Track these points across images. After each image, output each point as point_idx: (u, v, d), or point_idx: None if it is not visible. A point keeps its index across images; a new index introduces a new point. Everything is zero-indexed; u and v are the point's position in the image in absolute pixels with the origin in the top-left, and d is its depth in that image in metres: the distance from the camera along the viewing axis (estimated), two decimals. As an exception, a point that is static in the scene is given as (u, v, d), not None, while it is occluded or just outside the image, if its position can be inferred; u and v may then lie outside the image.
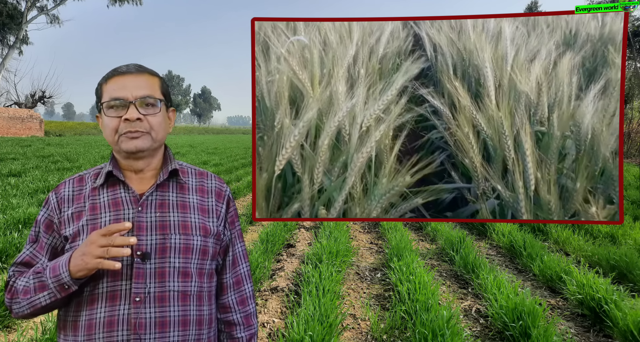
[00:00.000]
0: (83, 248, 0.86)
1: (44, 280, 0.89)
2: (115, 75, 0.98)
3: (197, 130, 65.06)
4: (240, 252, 1.14)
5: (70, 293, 0.89)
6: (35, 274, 0.91)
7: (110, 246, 0.84)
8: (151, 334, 0.92)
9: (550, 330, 2.63)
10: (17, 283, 0.94)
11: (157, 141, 1.01)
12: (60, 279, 0.87)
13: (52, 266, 0.89)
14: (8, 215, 5.04)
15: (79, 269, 0.85)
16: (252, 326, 1.14)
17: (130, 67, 1.00)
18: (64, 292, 0.88)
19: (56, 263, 0.89)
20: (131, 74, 0.99)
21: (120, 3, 30.60)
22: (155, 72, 1.04)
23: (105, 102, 0.97)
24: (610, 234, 5.20)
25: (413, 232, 5.93)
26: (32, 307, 0.90)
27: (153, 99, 0.99)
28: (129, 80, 0.98)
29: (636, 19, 18.88)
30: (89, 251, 0.84)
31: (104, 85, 0.99)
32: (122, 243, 0.85)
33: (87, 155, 14.24)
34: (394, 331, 2.95)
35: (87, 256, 0.84)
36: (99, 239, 0.84)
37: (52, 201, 1.00)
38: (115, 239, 0.84)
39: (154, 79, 1.02)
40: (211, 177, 1.12)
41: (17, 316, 0.95)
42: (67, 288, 0.87)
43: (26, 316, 0.94)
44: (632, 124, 19.63)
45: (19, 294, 0.92)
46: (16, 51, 28.82)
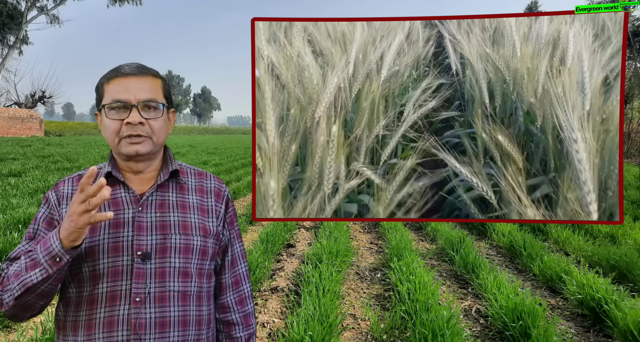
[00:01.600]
0: (68, 211, 0.82)
1: (35, 257, 0.85)
2: (118, 75, 0.97)
3: (197, 130, 65.05)
4: (238, 253, 1.14)
5: (61, 268, 0.84)
6: (26, 254, 0.88)
7: (89, 197, 0.78)
8: (151, 334, 0.91)
9: (550, 330, 2.62)
10: (9, 271, 0.89)
11: (157, 145, 1.00)
12: (51, 250, 0.82)
13: (43, 240, 0.86)
14: (8, 215, 5.03)
15: (70, 232, 0.81)
16: (251, 325, 1.14)
17: (133, 68, 0.99)
18: (55, 265, 0.83)
19: (47, 237, 0.86)
20: (134, 76, 0.97)
21: (120, 3, 30.59)
22: (158, 73, 1.03)
23: (107, 104, 0.96)
24: (610, 234, 5.20)
25: (413, 232, 5.93)
26: (24, 286, 0.84)
27: (156, 102, 0.98)
28: (132, 83, 0.96)
29: (636, 19, 18.87)
30: (72, 210, 0.80)
31: (106, 85, 0.97)
32: (96, 189, 0.78)
33: (87, 155, 14.24)
34: (394, 331, 2.95)
35: (73, 215, 0.80)
36: (78, 196, 0.80)
37: (52, 199, 0.99)
38: (89, 189, 0.79)
39: (157, 81, 1.01)
40: (210, 177, 1.12)
41: (8, 308, 0.88)
42: (59, 261, 0.83)
43: (17, 304, 0.87)
44: (632, 124, 19.63)
45: (10, 279, 0.87)
46: (16, 51, 28.81)
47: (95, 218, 0.80)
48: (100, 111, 0.99)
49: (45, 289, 0.86)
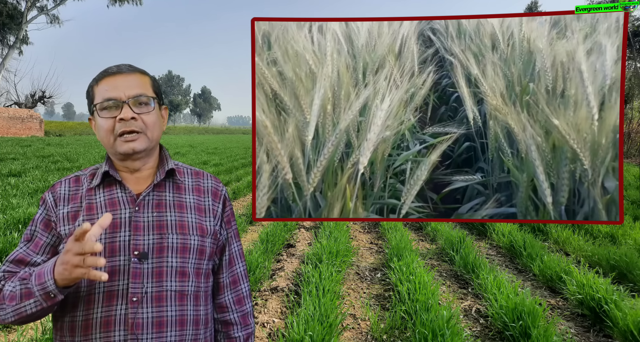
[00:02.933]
0: (62, 256, 0.81)
1: (29, 287, 0.85)
2: (106, 76, 0.98)
3: (197, 130, 65.07)
4: (236, 252, 1.14)
5: (56, 302, 0.85)
6: (21, 280, 0.88)
7: (84, 253, 0.77)
8: (148, 334, 0.91)
9: (550, 330, 2.62)
10: (5, 288, 0.90)
11: (153, 141, 1.00)
12: (46, 287, 0.83)
13: (37, 272, 0.86)
14: (8, 215, 5.03)
15: (63, 277, 0.81)
16: (249, 325, 1.14)
17: (120, 67, 1.00)
18: (49, 301, 0.84)
19: (42, 270, 0.85)
20: (122, 74, 0.98)
21: (120, 3, 30.59)
22: (145, 71, 1.04)
23: (98, 104, 0.96)
24: (610, 234, 5.20)
25: (413, 232, 5.93)
26: (18, 315, 0.86)
27: (146, 97, 0.98)
28: (120, 80, 0.97)
29: (636, 19, 18.87)
30: (66, 259, 0.79)
31: (95, 86, 0.98)
32: (89, 250, 0.77)
33: (87, 155, 14.24)
34: (394, 331, 2.95)
35: (67, 264, 0.79)
36: (73, 245, 0.78)
37: (49, 200, 0.99)
38: (84, 245, 0.77)
39: (145, 78, 1.02)
40: (207, 176, 1.12)
41: (3, 323, 0.90)
42: (53, 297, 0.83)
43: (12, 323, 0.89)
44: (632, 124, 19.62)
45: (5, 299, 0.88)
46: (16, 51, 28.81)
47: (90, 276, 0.78)
48: (93, 114, 0.99)
49: (41, 314, 0.88)
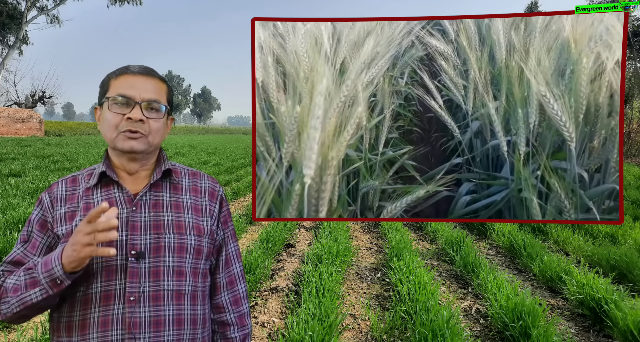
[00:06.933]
0: (72, 239, 0.83)
1: (35, 276, 0.86)
2: (126, 73, 1.00)
3: (197, 130, 65.06)
4: (233, 252, 1.14)
5: (61, 289, 0.86)
6: (26, 270, 0.89)
7: (96, 231, 0.81)
8: (146, 334, 0.91)
9: (550, 330, 2.62)
10: (6, 282, 0.91)
11: (152, 146, 1.01)
12: (53, 273, 0.84)
13: (44, 260, 0.87)
14: (8, 215, 5.03)
15: (72, 260, 0.82)
16: (246, 326, 1.14)
17: (142, 68, 1.02)
18: (56, 287, 0.85)
19: (48, 257, 0.87)
20: (142, 76, 1.00)
21: (120, 3, 30.58)
22: (164, 79, 1.06)
23: (111, 97, 0.97)
24: (610, 234, 5.20)
25: (413, 232, 5.93)
26: (22, 304, 0.87)
27: (159, 104, 1.00)
28: (139, 81, 0.99)
29: (636, 19, 18.87)
30: (77, 240, 0.82)
31: (113, 80, 1.00)
32: (105, 227, 0.81)
33: (87, 155, 14.24)
34: (394, 331, 2.95)
35: (77, 244, 0.82)
36: (85, 227, 0.81)
37: (46, 201, 1.00)
38: (98, 224, 0.81)
39: (163, 86, 1.04)
40: (204, 177, 1.12)
41: (5, 318, 0.90)
42: (60, 283, 0.84)
43: (14, 316, 0.89)
44: (632, 124, 19.63)
45: (8, 292, 0.89)
46: (16, 51, 28.80)
47: (97, 253, 0.82)
48: (101, 105, 1.00)
49: (44, 305, 0.89)
